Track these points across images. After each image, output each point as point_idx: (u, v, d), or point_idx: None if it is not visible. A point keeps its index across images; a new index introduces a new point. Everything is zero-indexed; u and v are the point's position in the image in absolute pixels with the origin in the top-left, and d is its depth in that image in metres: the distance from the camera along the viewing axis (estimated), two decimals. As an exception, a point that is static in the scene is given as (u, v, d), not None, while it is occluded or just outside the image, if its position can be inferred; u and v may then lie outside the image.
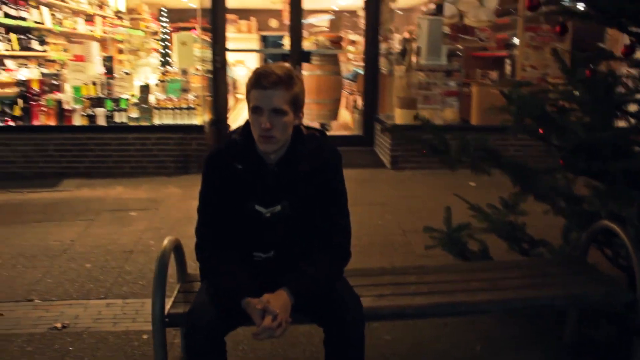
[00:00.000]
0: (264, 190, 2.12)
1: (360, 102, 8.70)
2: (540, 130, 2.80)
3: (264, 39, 18.32)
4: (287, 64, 2.19)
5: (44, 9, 8.94)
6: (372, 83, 7.86)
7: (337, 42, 9.77)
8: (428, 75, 7.40)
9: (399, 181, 6.60)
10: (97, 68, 7.23)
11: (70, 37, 10.29)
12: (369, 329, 3.12)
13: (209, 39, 7.71)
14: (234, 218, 2.14)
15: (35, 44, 8.65)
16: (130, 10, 13.95)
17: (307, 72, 9.19)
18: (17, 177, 6.72)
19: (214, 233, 2.15)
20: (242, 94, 14.60)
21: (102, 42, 10.56)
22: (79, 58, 8.55)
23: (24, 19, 8.23)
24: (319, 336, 2.13)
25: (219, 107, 7.76)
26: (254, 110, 2.04)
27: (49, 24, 9.08)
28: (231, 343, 3.01)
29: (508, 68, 8.08)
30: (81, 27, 10.39)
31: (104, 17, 11.52)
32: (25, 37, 8.37)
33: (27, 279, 3.97)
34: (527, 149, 4.73)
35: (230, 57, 15.24)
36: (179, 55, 7.11)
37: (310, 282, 2.04)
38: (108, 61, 7.08)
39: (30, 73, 7.54)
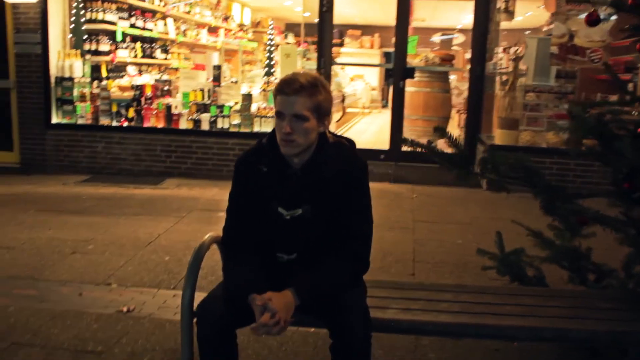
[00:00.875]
0: (287, 193, 2.19)
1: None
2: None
3: (386, 55, 18.47)
4: (315, 73, 2.25)
5: (170, 21, 9.59)
6: (475, 102, 7.69)
7: (447, 60, 9.65)
8: (536, 96, 7.13)
9: (491, 202, 6.39)
10: (211, 76, 7.65)
11: (193, 47, 10.95)
12: (418, 344, 3.10)
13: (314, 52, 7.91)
14: (258, 219, 2.22)
15: (158, 53, 9.28)
16: (255, 24, 14.59)
17: (415, 88, 9.15)
18: (126, 173, 7.27)
19: (238, 233, 2.24)
20: (353, 107, 14.80)
21: (223, 52, 11.10)
22: (200, 67, 9.07)
23: (149, 29, 8.87)
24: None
25: (320, 119, 7.90)
26: (277, 115, 2.12)
27: (172, 34, 9.72)
28: (275, 343, 3.11)
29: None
30: (204, 37, 11.02)
31: (227, 29, 12.11)
32: (150, 46, 9.01)
33: (111, 265, 4.27)
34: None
35: (350, 71, 15.52)
36: (282, 67, 7.35)
37: (318, 286, 2.06)
38: (216, 69, 7.45)
39: (149, 79, 8.09)
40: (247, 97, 7.12)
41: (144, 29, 8.70)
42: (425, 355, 3.03)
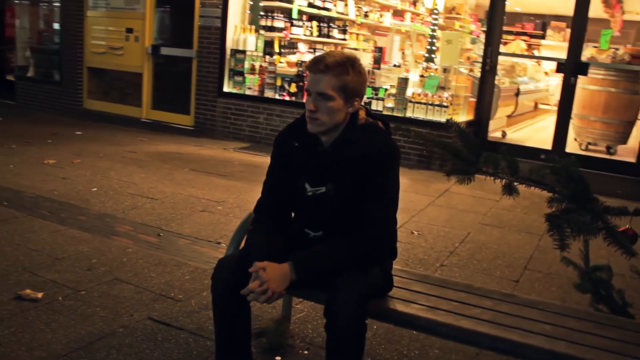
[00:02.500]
0: (314, 169, 2.20)
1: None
2: None
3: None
4: (350, 53, 2.23)
5: (350, 2, 9.78)
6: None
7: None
8: None
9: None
10: (395, 59, 7.72)
11: (375, 29, 11.06)
12: (481, 353, 2.93)
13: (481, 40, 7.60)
14: (288, 193, 2.27)
15: (335, 32, 9.53)
16: (449, 9, 14.26)
17: (596, 86, 8.37)
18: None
19: (267, 203, 2.32)
20: (545, 104, 13.89)
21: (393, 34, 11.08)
22: (382, 49, 9.16)
23: (328, 9, 9.14)
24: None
25: (481, 109, 7.60)
26: (306, 91, 2.14)
27: (352, 15, 9.90)
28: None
29: None
30: (387, 20, 11.06)
31: (415, 13, 12.02)
32: (327, 25, 9.29)
33: (229, 226, 4.57)
34: None
35: (547, 65, 14.58)
36: (443, 53, 7.17)
37: (316, 264, 2.07)
38: (378, 52, 7.49)
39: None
40: (403, 81, 7.07)
41: (322, 8, 8.98)
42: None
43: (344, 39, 9.86)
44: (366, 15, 10.41)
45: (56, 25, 9.70)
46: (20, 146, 6.95)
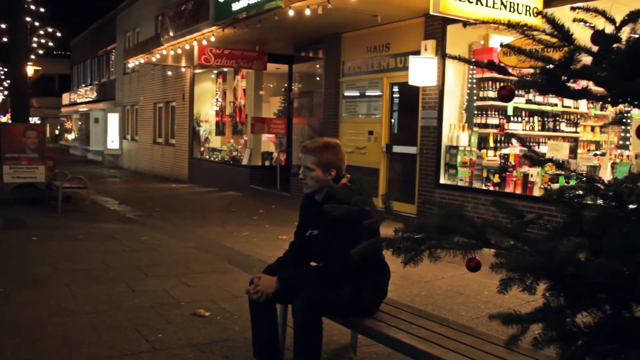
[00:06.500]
0: (312, 218, 3.31)
1: None
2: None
3: None
4: (327, 139, 3.28)
5: (581, 96, 10.02)
6: None
7: None
8: None
9: None
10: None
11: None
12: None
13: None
14: (302, 237, 3.42)
15: (562, 126, 9.86)
16: None
17: None
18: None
19: (293, 243, 3.49)
20: None
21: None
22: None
23: (552, 104, 9.61)
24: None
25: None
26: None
27: (584, 108, 10.09)
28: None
29: None
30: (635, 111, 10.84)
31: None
32: (552, 120, 9.71)
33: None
34: None
35: None
36: (635, 138, 7.16)
37: (293, 279, 3.15)
38: (573, 142, 7.79)
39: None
40: (592, 169, 7.27)
41: (544, 104, 9.50)
42: None
43: (575, 132, 10.04)
44: (603, 107, 10.45)
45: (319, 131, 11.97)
46: (271, 226, 8.98)
